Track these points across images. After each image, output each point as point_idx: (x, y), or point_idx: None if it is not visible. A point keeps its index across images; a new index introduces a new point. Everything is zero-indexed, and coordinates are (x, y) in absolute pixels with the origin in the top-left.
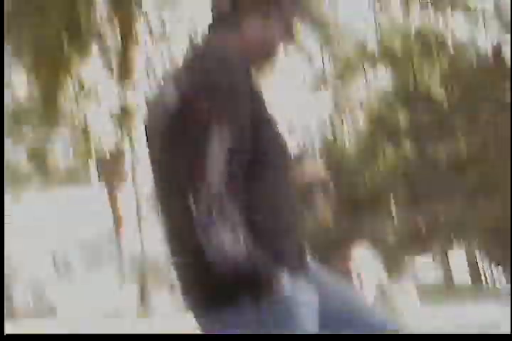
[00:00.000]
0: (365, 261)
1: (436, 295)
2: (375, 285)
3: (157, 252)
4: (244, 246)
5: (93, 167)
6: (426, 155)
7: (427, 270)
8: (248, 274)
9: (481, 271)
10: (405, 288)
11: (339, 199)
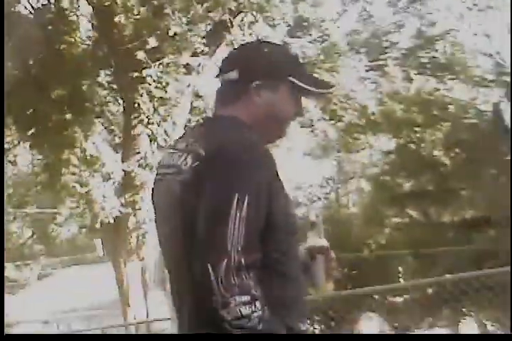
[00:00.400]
0: (371, 327)
1: None
2: None
3: (164, 327)
4: (262, 320)
5: (99, 244)
6: (431, 219)
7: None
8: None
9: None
10: None
11: (345, 266)
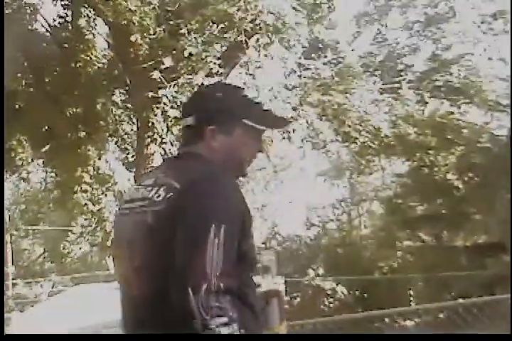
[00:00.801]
0: None
1: None
2: None
3: None
4: None
5: (110, 262)
6: (443, 243)
7: None
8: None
9: None
10: None
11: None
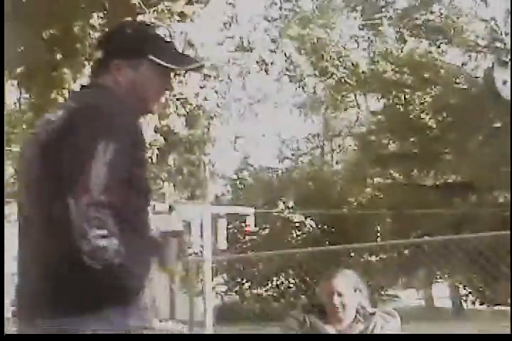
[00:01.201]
0: (347, 284)
1: (417, 317)
2: (355, 308)
3: None
4: (118, 254)
5: None
6: (413, 181)
7: (409, 298)
8: (119, 283)
9: (462, 298)
10: (385, 310)
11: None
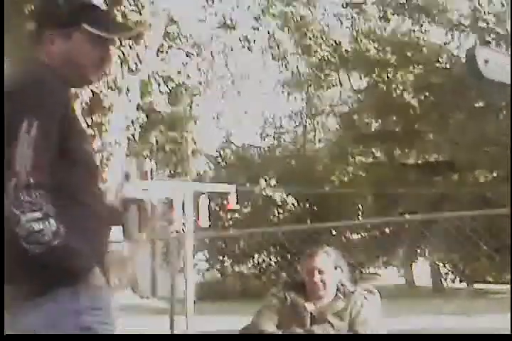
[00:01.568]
0: (328, 261)
1: (397, 295)
2: (336, 286)
3: None
4: (58, 235)
5: None
6: (395, 160)
7: (390, 276)
8: (64, 264)
9: (443, 277)
10: (366, 287)
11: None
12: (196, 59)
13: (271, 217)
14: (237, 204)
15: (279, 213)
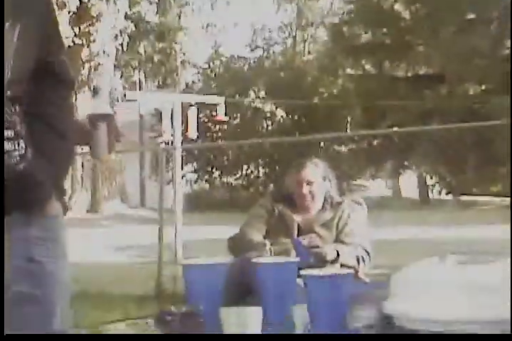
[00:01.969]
0: (316, 173)
1: (384, 207)
2: (323, 197)
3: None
4: (24, 159)
5: None
6: (384, 72)
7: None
8: (23, 193)
9: (429, 188)
10: (353, 199)
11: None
12: None
13: (259, 129)
14: (225, 115)
15: (268, 125)
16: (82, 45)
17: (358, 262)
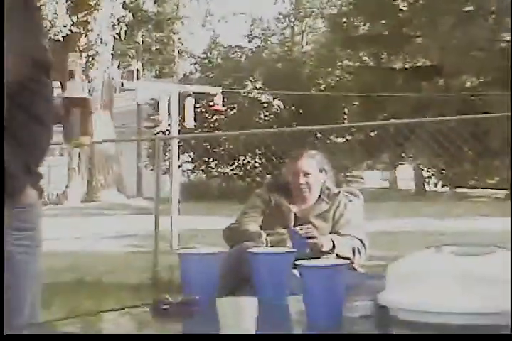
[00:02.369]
0: (313, 164)
1: (380, 198)
2: (320, 188)
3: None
4: None
5: None
6: (382, 64)
7: (374, 180)
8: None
9: (425, 180)
10: (350, 190)
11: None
12: None
13: (256, 119)
14: (223, 106)
15: (265, 115)
16: (80, 34)
17: (354, 253)
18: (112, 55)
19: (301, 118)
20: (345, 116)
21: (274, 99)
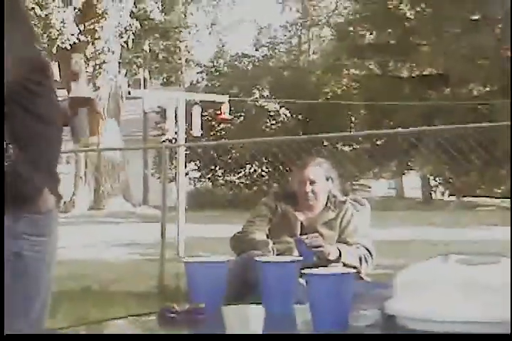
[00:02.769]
0: (319, 172)
1: (387, 207)
2: (326, 197)
3: None
4: (6, 157)
5: (55, 68)
6: (389, 73)
7: (380, 188)
8: (15, 185)
9: (432, 189)
10: (356, 198)
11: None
12: None
13: (263, 128)
14: (229, 114)
15: (272, 124)
16: (87, 42)
17: (361, 262)
18: (119, 63)
19: (308, 126)
20: (352, 125)
21: (280, 107)
